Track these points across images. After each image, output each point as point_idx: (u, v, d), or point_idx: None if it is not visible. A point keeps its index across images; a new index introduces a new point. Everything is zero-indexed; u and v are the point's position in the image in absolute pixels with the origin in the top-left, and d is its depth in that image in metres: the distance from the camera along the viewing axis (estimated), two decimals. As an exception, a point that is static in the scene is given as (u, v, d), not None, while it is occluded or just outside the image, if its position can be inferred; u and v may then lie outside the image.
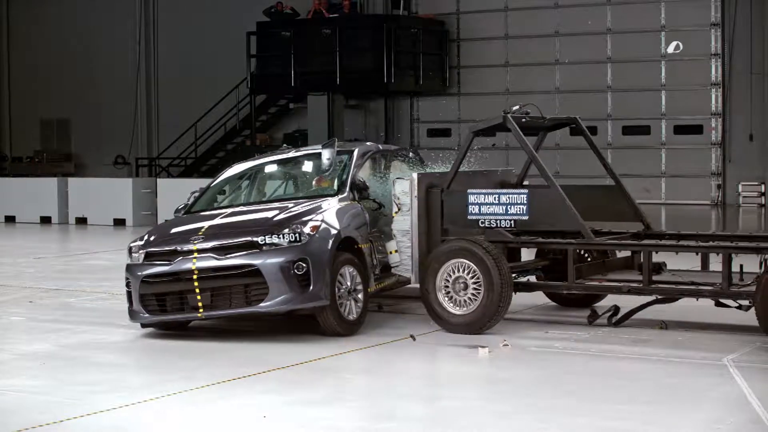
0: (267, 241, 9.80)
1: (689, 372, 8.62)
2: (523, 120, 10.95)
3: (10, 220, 25.49)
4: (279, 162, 12.03)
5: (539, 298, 11.72)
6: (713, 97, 26.51)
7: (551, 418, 7.29)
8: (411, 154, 12.77)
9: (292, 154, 12.11)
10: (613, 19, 27.52)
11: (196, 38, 32.35)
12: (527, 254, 12.14)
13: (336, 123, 28.08)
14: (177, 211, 11.51)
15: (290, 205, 10.59)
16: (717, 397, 7.84)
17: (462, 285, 10.22)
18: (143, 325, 10.45)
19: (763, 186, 26.23)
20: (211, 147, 31.84)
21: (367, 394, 8.16)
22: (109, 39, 34.25)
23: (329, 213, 10.27)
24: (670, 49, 26.30)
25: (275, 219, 10.13)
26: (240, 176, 11.91)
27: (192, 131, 31.12)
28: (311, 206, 10.40)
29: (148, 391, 8.15)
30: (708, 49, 26.47)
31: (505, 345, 9.59)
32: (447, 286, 10.29)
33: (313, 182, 11.38)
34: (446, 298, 10.30)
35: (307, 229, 9.90)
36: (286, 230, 9.87)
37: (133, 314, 10.32)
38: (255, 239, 9.83)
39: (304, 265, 9.73)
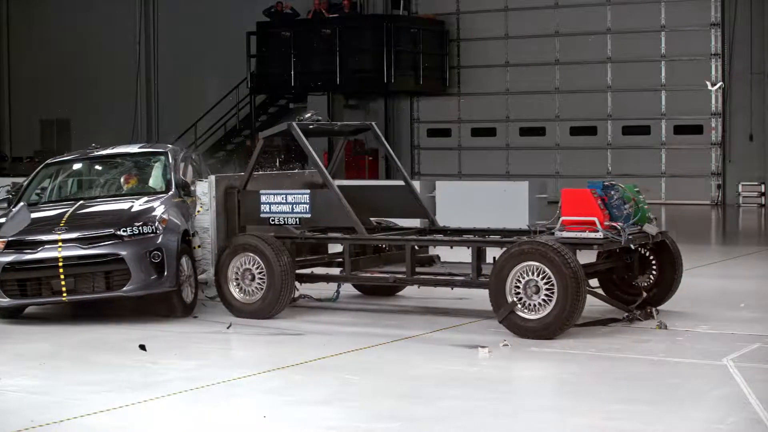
0: (128, 232, 10.85)
1: (689, 372, 8.61)
2: (311, 127, 11.85)
3: (10, 220, 25.44)
4: (94, 159, 12.75)
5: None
6: (713, 97, 26.51)
7: (551, 418, 7.29)
8: (194, 156, 13.77)
9: (103, 151, 12.88)
10: (613, 19, 27.52)
11: (196, 38, 32.34)
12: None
13: (336, 123, 28.06)
14: (0, 202, 12.27)
15: (141, 200, 11.50)
16: (717, 397, 7.84)
17: (250, 277, 11.09)
18: None
19: (763, 186, 26.23)
20: (211, 147, 31.82)
21: (367, 394, 8.15)
22: (109, 39, 34.24)
23: (171, 209, 11.37)
24: (710, 86, 26.25)
25: (129, 213, 11.12)
26: (59, 172, 12.58)
27: (192, 131, 31.11)
28: (154, 202, 11.42)
29: (148, 391, 8.15)
30: (708, 49, 26.47)
31: (505, 345, 9.59)
32: (237, 278, 11.15)
33: (122, 179, 12.20)
34: (237, 289, 11.18)
35: (159, 223, 10.99)
36: (141, 223, 10.93)
37: None
38: (117, 231, 10.84)
39: (159, 254, 10.86)
